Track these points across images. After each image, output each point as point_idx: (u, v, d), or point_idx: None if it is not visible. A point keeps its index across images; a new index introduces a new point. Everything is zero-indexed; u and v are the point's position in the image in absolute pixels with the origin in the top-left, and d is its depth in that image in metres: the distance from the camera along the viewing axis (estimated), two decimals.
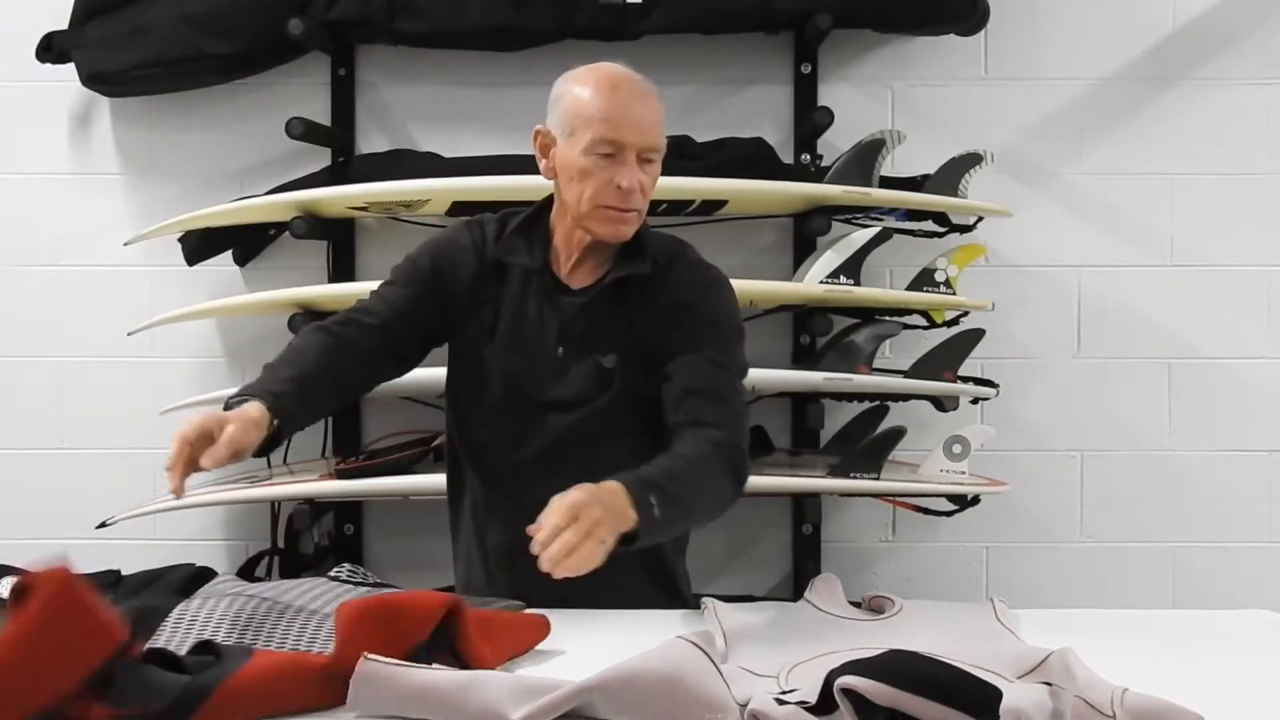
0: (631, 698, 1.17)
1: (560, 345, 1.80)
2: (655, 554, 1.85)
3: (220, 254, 2.77)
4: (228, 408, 1.60)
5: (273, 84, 2.79)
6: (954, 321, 2.61)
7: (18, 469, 2.85)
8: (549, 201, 1.86)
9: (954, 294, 2.55)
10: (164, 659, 1.17)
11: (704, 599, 1.60)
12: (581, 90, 1.75)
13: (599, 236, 1.78)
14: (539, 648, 1.41)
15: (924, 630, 1.47)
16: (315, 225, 2.55)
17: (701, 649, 1.21)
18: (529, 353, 1.81)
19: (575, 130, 1.74)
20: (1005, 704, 1.10)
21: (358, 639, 1.21)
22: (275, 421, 1.60)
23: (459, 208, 2.61)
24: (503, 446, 1.83)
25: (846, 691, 1.12)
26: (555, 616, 1.46)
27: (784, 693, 1.21)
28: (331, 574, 1.67)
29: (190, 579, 1.88)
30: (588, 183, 1.74)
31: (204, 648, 1.22)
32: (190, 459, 1.51)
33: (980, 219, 2.65)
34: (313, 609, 1.44)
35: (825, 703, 1.15)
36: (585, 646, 1.41)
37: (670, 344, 1.77)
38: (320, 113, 2.77)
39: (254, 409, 1.57)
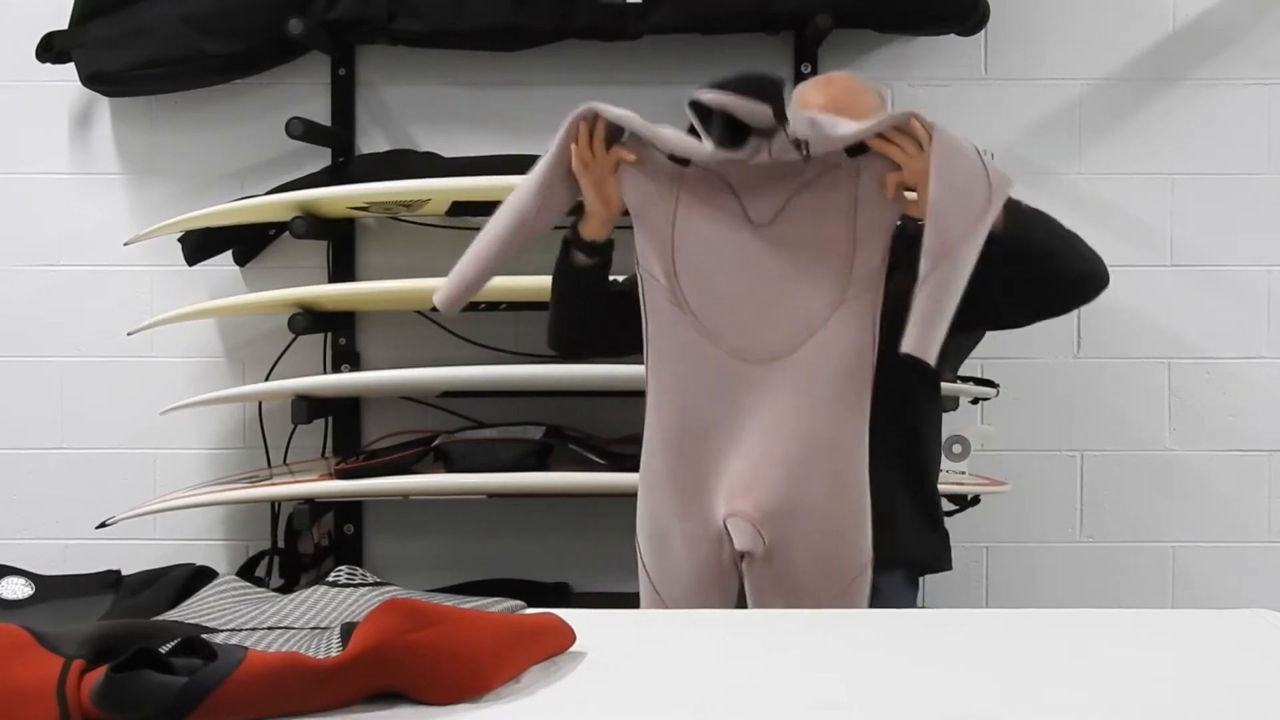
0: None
1: None
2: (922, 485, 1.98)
3: (220, 254, 2.77)
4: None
5: (273, 84, 2.80)
6: None
7: (18, 469, 2.85)
8: None
9: None
10: (152, 660, 1.16)
11: None
12: (804, 89, 1.97)
13: None
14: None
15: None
16: (315, 225, 2.55)
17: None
18: None
19: None
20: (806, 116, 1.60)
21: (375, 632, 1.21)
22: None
23: (459, 208, 2.61)
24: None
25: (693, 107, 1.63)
26: (576, 618, 1.46)
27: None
28: (330, 578, 1.67)
29: (190, 579, 1.88)
30: None
31: (192, 647, 1.22)
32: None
33: None
34: (315, 625, 1.44)
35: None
36: (609, 651, 1.40)
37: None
38: (320, 113, 2.77)
39: None
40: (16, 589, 2.06)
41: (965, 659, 1.34)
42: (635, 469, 2.49)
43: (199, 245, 2.74)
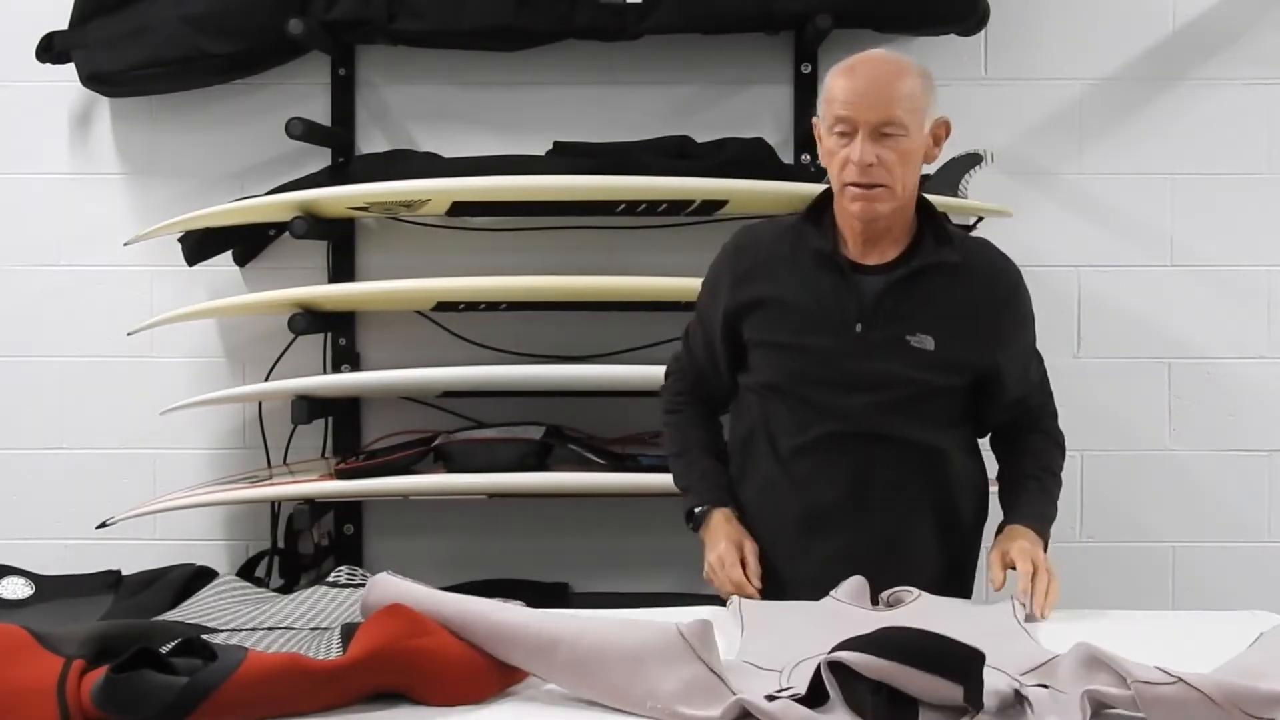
0: (591, 665, 1.21)
1: (859, 322, 1.81)
2: (963, 559, 1.94)
3: (220, 254, 2.77)
4: (691, 516, 1.91)
5: (273, 84, 2.79)
6: None
7: (18, 469, 2.85)
8: (830, 193, 1.89)
9: None
10: (153, 660, 1.16)
11: (732, 597, 1.61)
12: (831, 77, 1.82)
13: (853, 216, 1.80)
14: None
15: (937, 623, 1.46)
16: (315, 225, 2.55)
17: (685, 639, 1.20)
18: (827, 329, 1.82)
19: (824, 115, 1.81)
20: (999, 690, 1.12)
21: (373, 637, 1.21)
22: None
23: (459, 208, 2.61)
24: (799, 424, 1.83)
25: (835, 669, 1.12)
26: None
27: (779, 690, 1.21)
28: (330, 579, 1.67)
29: (190, 579, 1.88)
30: (833, 163, 1.80)
31: (192, 647, 1.22)
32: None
33: (980, 219, 2.64)
34: (315, 626, 1.45)
35: (816, 692, 1.15)
36: None
37: (1001, 337, 1.86)
38: (320, 113, 2.77)
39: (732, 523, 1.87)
40: (16, 589, 2.06)
41: None
42: (635, 469, 2.49)
43: (199, 245, 2.74)
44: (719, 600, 1.77)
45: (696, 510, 1.89)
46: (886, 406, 1.79)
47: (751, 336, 1.87)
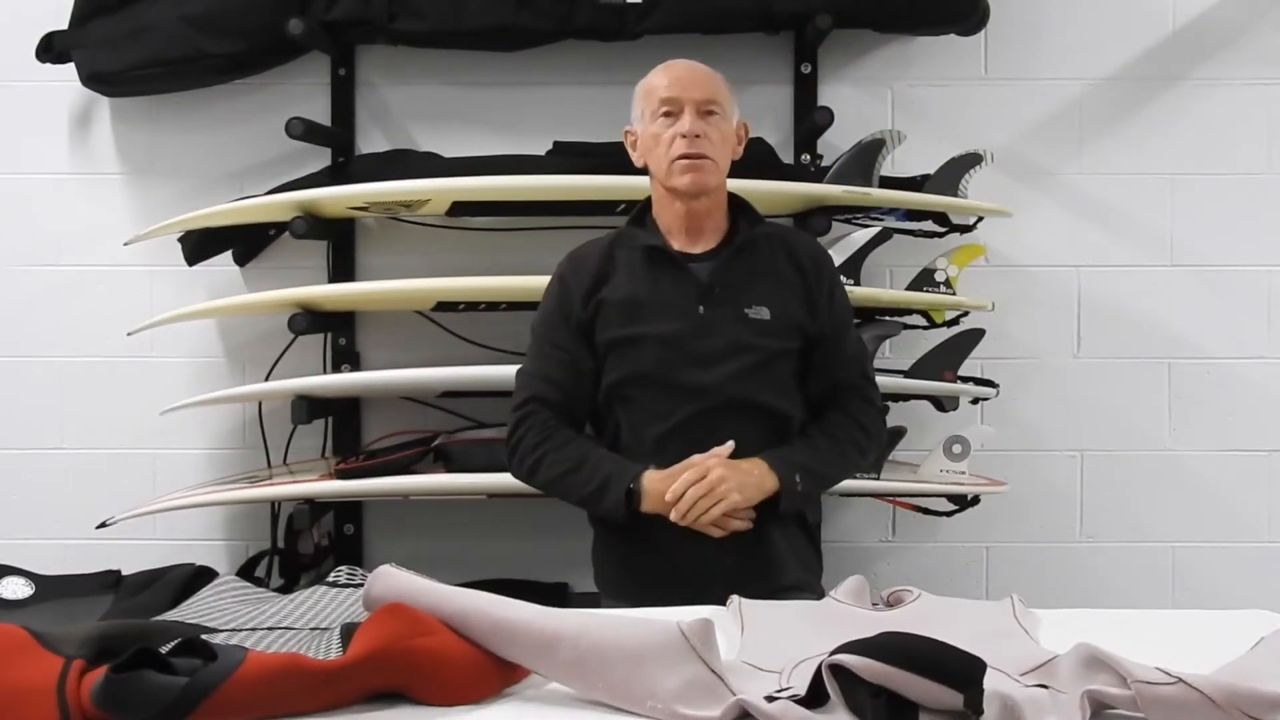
0: (591, 663, 1.20)
1: (700, 304, 1.97)
2: (812, 525, 2.07)
3: (220, 254, 2.77)
4: (630, 497, 1.93)
5: (273, 84, 2.79)
6: (954, 321, 2.61)
7: (18, 469, 2.85)
8: (649, 200, 2.06)
9: (954, 294, 2.55)
10: (153, 660, 1.16)
11: (731, 596, 1.62)
12: (647, 79, 2.02)
13: (681, 190, 1.96)
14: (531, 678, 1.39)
15: (937, 622, 1.46)
16: (315, 225, 2.55)
17: (686, 638, 1.21)
18: (672, 315, 1.97)
19: (644, 111, 2.00)
20: (999, 693, 1.11)
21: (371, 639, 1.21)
22: None
23: (459, 208, 2.61)
24: (661, 412, 1.96)
25: (836, 672, 1.12)
26: None
27: (779, 691, 1.21)
28: (330, 578, 1.66)
29: (190, 579, 1.88)
30: (660, 145, 1.96)
31: (192, 647, 1.22)
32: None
33: (980, 219, 2.65)
34: (315, 626, 1.44)
35: (816, 693, 1.15)
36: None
37: (821, 303, 2.01)
38: (320, 113, 2.77)
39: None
40: (16, 589, 2.06)
41: None
42: None
43: (199, 245, 2.74)
44: (719, 600, 1.77)
45: (630, 487, 1.92)
46: (738, 375, 1.93)
47: (604, 338, 1.99)
